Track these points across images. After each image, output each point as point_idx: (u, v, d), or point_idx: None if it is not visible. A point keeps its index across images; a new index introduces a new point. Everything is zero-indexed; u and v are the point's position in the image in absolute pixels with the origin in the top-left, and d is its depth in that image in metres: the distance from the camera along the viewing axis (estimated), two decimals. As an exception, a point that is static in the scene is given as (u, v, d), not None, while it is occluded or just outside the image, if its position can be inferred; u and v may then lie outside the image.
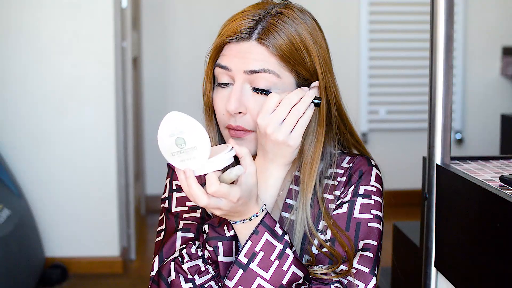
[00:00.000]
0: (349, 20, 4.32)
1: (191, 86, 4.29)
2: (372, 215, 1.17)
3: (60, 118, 3.15)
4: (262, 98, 1.13)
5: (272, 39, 1.11)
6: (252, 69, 1.12)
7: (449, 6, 1.26)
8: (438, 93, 1.29)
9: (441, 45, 1.27)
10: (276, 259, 1.05)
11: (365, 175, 1.20)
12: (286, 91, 1.13)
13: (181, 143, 0.98)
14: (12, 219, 2.80)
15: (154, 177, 4.33)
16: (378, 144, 4.39)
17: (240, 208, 1.02)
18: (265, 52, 1.12)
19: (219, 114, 1.16)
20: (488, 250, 1.08)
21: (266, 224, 1.05)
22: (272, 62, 1.12)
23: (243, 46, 1.12)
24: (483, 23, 4.34)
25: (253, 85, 1.13)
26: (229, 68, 1.13)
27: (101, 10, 3.12)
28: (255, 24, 1.13)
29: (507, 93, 4.37)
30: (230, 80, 1.14)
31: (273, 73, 1.12)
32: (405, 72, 4.37)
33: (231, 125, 1.14)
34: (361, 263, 1.13)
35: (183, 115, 0.97)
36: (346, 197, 1.19)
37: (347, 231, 1.15)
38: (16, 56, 3.11)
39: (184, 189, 1.00)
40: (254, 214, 1.04)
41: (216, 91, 1.17)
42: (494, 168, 1.29)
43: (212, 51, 1.16)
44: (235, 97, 1.12)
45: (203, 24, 4.26)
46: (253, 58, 1.12)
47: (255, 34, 1.12)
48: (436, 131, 1.30)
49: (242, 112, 1.13)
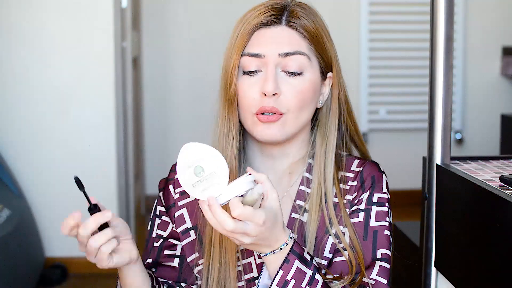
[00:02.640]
0: (349, 20, 4.32)
1: (191, 86, 4.29)
2: (387, 223, 1.19)
3: (60, 118, 3.15)
4: (294, 80, 1.15)
5: (300, 23, 1.16)
6: (287, 52, 1.14)
7: (449, 6, 1.26)
8: (438, 93, 1.29)
9: (441, 45, 1.27)
10: (307, 285, 1.06)
11: (378, 182, 1.20)
12: (314, 74, 1.17)
13: (199, 171, 1.00)
14: (12, 219, 2.80)
15: (154, 177, 4.33)
16: (378, 144, 4.39)
17: (267, 234, 1.01)
18: (296, 36, 1.16)
19: (248, 100, 1.15)
20: (488, 250, 1.08)
21: (295, 252, 1.06)
22: (303, 45, 1.16)
23: (274, 30, 1.15)
24: (483, 23, 4.33)
25: (285, 69, 1.15)
26: (262, 55, 1.14)
27: (101, 10, 3.11)
28: (280, 11, 1.16)
29: (507, 93, 4.37)
30: (260, 67, 1.15)
31: (305, 55, 1.16)
32: (405, 72, 4.37)
33: (265, 107, 1.14)
34: (380, 274, 1.15)
35: (197, 144, 1.00)
36: (361, 205, 1.19)
37: (365, 240, 1.16)
38: (16, 56, 3.11)
39: (209, 220, 1.00)
40: (283, 243, 1.05)
41: (243, 80, 1.16)
42: (494, 168, 1.29)
43: (240, 40, 1.16)
44: (272, 78, 1.13)
45: (203, 24, 4.26)
46: (286, 42, 1.15)
47: (284, 19, 1.16)
48: (436, 131, 1.30)
49: (277, 94, 1.14)
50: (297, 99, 1.15)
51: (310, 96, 1.17)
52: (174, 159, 1.05)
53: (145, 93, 4.31)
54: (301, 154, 1.23)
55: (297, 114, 1.16)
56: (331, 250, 1.17)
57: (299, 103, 1.15)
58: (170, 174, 1.27)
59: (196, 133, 4.17)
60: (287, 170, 1.23)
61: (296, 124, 1.17)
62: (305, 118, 1.18)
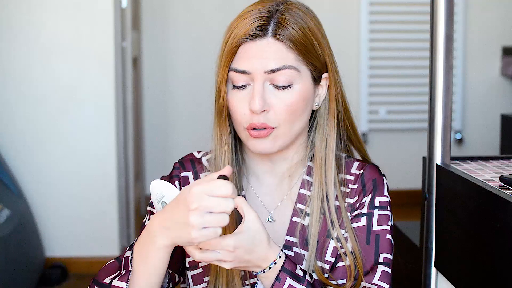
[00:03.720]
0: (349, 20, 4.32)
1: (191, 86, 4.29)
2: (389, 227, 1.18)
3: (60, 118, 3.15)
4: (283, 94, 1.12)
5: (287, 33, 1.11)
6: (273, 68, 1.11)
7: (449, 6, 1.26)
8: (438, 93, 1.29)
9: (441, 45, 1.27)
10: None
11: (379, 185, 1.20)
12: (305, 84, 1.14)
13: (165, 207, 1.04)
14: (12, 219, 2.80)
15: (154, 177, 4.31)
16: (378, 144, 4.39)
17: (247, 257, 1.01)
18: (283, 48, 1.11)
19: (239, 115, 1.14)
20: (488, 250, 1.08)
21: (287, 270, 1.06)
22: (290, 57, 1.12)
23: (259, 44, 1.11)
24: (483, 23, 4.33)
25: (273, 83, 1.12)
26: (249, 72, 1.11)
27: (101, 10, 3.12)
28: (267, 21, 1.12)
29: (507, 93, 4.37)
30: (248, 81, 1.13)
31: (293, 68, 1.12)
32: (405, 72, 4.37)
33: (255, 123, 1.12)
34: (382, 279, 1.14)
35: (158, 181, 1.05)
36: (363, 209, 1.18)
37: (367, 245, 1.16)
38: (16, 56, 3.11)
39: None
40: (272, 262, 1.04)
41: (232, 94, 1.14)
42: (494, 168, 1.29)
43: (226, 55, 1.13)
44: (259, 96, 1.11)
45: (203, 24, 4.26)
46: (272, 57, 1.11)
47: (270, 31, 1.11)
48: (436, 131, 1.30)
49: (266, 110, 1.12)
50: (287, 113, 1.12)
51: (301, 107, 1.14)
52: (174, 159, 1.06)
53: (145, 93, 4.31)
54: (299, 157, 1.22)
55: (289, 127, 1.14)
56: (333, 254, 1.17)
57: (290, 117, 1.13)
58: (174, 171, 1.26)
59: (196, 133, 4.18)
60: (286, 173, 1.22)
61: (290, 135, 1.16)
62: (298, 127, 1.16)
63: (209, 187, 0.95)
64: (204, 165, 1.25)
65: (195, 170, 1.25)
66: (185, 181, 1.24)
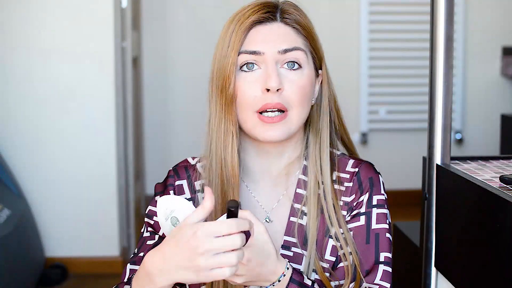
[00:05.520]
0: (349, 20, 4.32)
1: (191, 86, 4.29)
2: (387, 225, 1.18)
3: (60, 118, 3.15)
4: (295, 75, 1.14)
5: (294, 18, 1.16)
6: (286, 48, 1.14)
7: (449, 6, 1.26)
8: (438, 93, 1.29)
9: (441, 45, 1.27)
10: None
11: (375, 183, 1.20)
12: (311, 70, 1.17)
13: (175, 222, 1.03)
14: (12, 219, 2.80)
15: (154, 177, 4.33)
16: (378, 144, 4.39)
17: (258, 269, 1.01)
18: (292, 32, 1.16)
19: (249, 98, 1.13)
20: (488, 250, 1.08)
21: (295, 281, 1.06)
22: (299, 41, 1.16)
23: (270, 27, 1.15)
24: (483, 23, 4.33)
25: (284, 64, 1.14)
26: (262, 52, 1.13)
27: (101, 10, 3.12)
28: (274, 8, 1.17)
29: (507, 93, 4.37)
30: (259, 63, 1.14)
31: (303, 50, 1.15)
32: (405, 72, 4.37)
33: (269, 103, 1.12)
34: (383, 279, 1.15)
35: (168, 197, 1.04)
36: (361, 208, 1.18)
37: (367, 244, 1.16)
38: (16, 56, 3.11)
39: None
40: (281, 274, 1.04)
41: (241, 77, 1.14)
42: (494, 168, 1.29)
43: (235, 38, 1.14)
44: (275, 74, 1.12)
45: (203, 24, 4.26)
46: (283, 39, 1.14)
47: (278, 16, 1.16)
48: (436, 131, 1.30)
49: (281, 89, 1.13)
50: (299, 94, 1.14)
51: (309, 92, 1.16)
52: (174, 159, 1.06)
53: (145, 93, 4.31)
54: (296, 154, 1.22)
55: (300, 111, 1.15)
56: (332, 253, 1.17)
57: (301, 98, 1.14)
58: (169, 179, 1.24)
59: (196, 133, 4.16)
60: (283, 171, 1.22)
61: (299, 121, 1.16)
62: (305, 115, 1.17)
63: (215, 228, 0.93)
64: (199, 172, 1.23)
65: (190, 179, 1.23)
66: (179, 190, 1.22)
